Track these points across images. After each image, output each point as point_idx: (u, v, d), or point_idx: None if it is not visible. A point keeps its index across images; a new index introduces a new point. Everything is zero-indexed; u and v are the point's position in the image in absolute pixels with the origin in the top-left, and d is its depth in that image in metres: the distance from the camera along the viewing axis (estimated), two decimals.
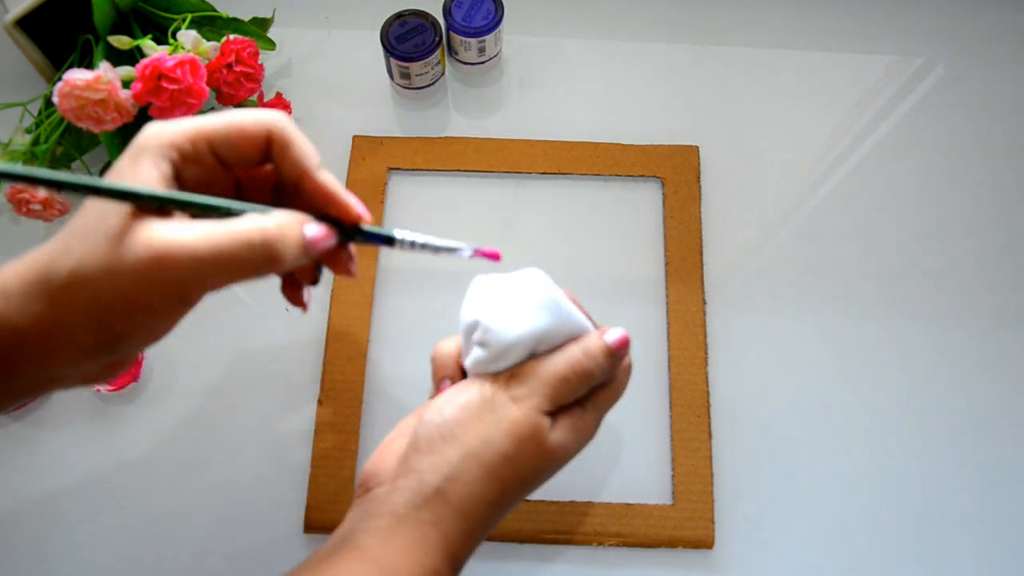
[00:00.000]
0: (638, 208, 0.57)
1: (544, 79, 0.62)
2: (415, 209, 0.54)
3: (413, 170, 0.58)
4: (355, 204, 0.34)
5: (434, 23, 0.57)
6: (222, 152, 0.32)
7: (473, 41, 0.57)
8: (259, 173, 0.36)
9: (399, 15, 0.57)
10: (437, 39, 0.57)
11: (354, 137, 0.59)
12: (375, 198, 0.57)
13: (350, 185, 0.57)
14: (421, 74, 0.58)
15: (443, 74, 0.61)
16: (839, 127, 0.60)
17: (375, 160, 0.58)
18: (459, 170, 0.58)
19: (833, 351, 0.53)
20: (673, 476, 0.49)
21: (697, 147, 0.58)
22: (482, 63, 0.60)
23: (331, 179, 0.34)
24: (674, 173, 0.57)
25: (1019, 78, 0.62)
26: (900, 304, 0.55)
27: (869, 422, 0.52)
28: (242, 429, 0.51)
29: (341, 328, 0.53)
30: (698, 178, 0.57)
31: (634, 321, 0.54)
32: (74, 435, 0.51)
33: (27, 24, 0.53)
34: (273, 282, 0.36)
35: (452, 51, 0.60)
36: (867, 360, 0.53)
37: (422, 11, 0.58)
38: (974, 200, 0.58)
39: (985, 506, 0.50)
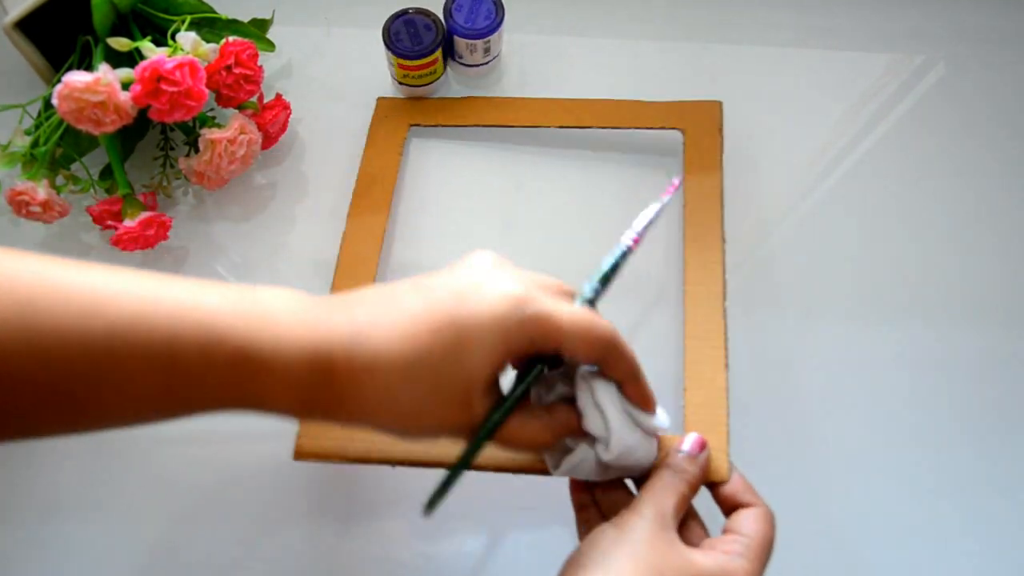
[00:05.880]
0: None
1: (545, 78, 0.62)
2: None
3: (434, 126, 0.59)
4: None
5: (436, 20, 0.57)
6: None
7: (476, 43, 0.57)
8: None
9: (401, 13, 0.57)
10: (439, 37, 0.57)
11: (378, 99, 0.60)
12: (394, 152, 0.58)
13: (371, 141, 0.58)
14: (423, 74, 0.58)
15: (444, 75, 0.60)
16: (838, 126, 0.60)
17: (397, 118, 0.59)
18: (478, 125, 0.59)
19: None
20: (684, 408, 0.48)
21: (720, 102, 0.58)
22: (483, 64, 0.60)
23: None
24: (695, 126, 0.57)
25: (1019, 77, 0.62)
26: (894, 301, 0.55)
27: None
28: None
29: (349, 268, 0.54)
30: (720, 130, 0.57)
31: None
32: None
33: (26, 26, 0.53)
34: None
35: (454, 53, 0.60)
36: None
37: (424, 9, 0.57)
38: (974, 199, 0.58)
39: (995, 474, 0.50)
